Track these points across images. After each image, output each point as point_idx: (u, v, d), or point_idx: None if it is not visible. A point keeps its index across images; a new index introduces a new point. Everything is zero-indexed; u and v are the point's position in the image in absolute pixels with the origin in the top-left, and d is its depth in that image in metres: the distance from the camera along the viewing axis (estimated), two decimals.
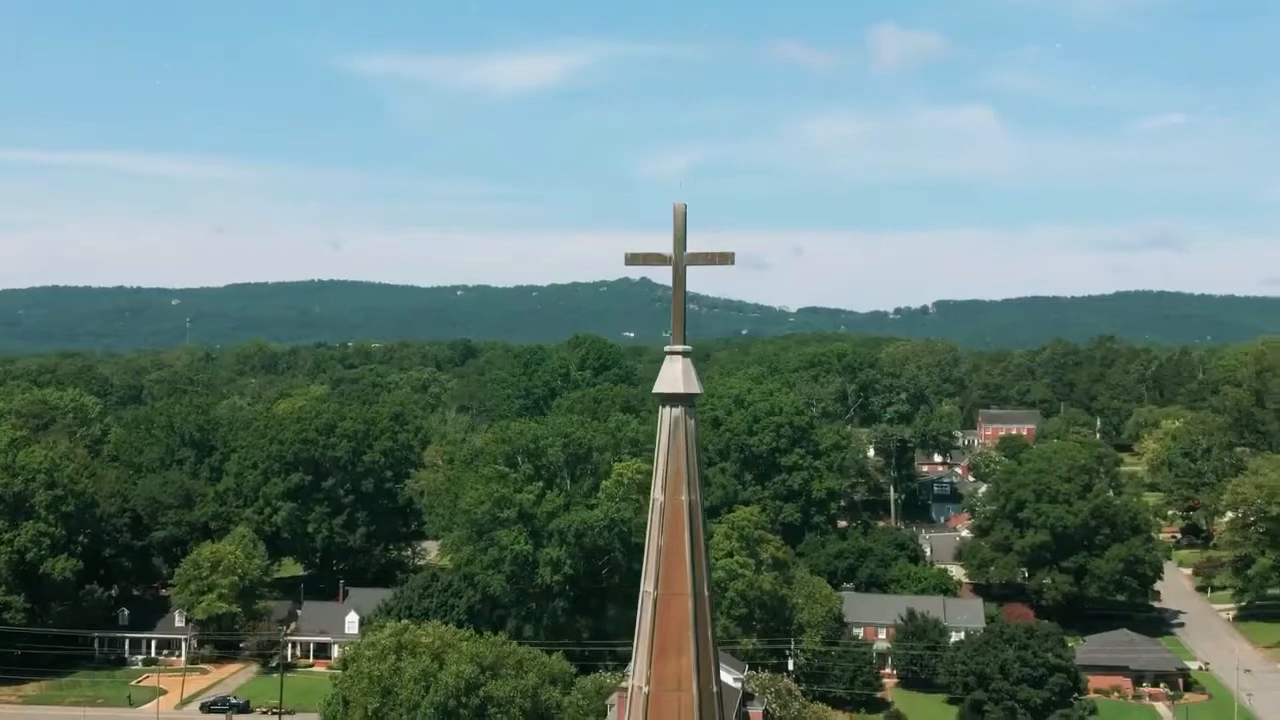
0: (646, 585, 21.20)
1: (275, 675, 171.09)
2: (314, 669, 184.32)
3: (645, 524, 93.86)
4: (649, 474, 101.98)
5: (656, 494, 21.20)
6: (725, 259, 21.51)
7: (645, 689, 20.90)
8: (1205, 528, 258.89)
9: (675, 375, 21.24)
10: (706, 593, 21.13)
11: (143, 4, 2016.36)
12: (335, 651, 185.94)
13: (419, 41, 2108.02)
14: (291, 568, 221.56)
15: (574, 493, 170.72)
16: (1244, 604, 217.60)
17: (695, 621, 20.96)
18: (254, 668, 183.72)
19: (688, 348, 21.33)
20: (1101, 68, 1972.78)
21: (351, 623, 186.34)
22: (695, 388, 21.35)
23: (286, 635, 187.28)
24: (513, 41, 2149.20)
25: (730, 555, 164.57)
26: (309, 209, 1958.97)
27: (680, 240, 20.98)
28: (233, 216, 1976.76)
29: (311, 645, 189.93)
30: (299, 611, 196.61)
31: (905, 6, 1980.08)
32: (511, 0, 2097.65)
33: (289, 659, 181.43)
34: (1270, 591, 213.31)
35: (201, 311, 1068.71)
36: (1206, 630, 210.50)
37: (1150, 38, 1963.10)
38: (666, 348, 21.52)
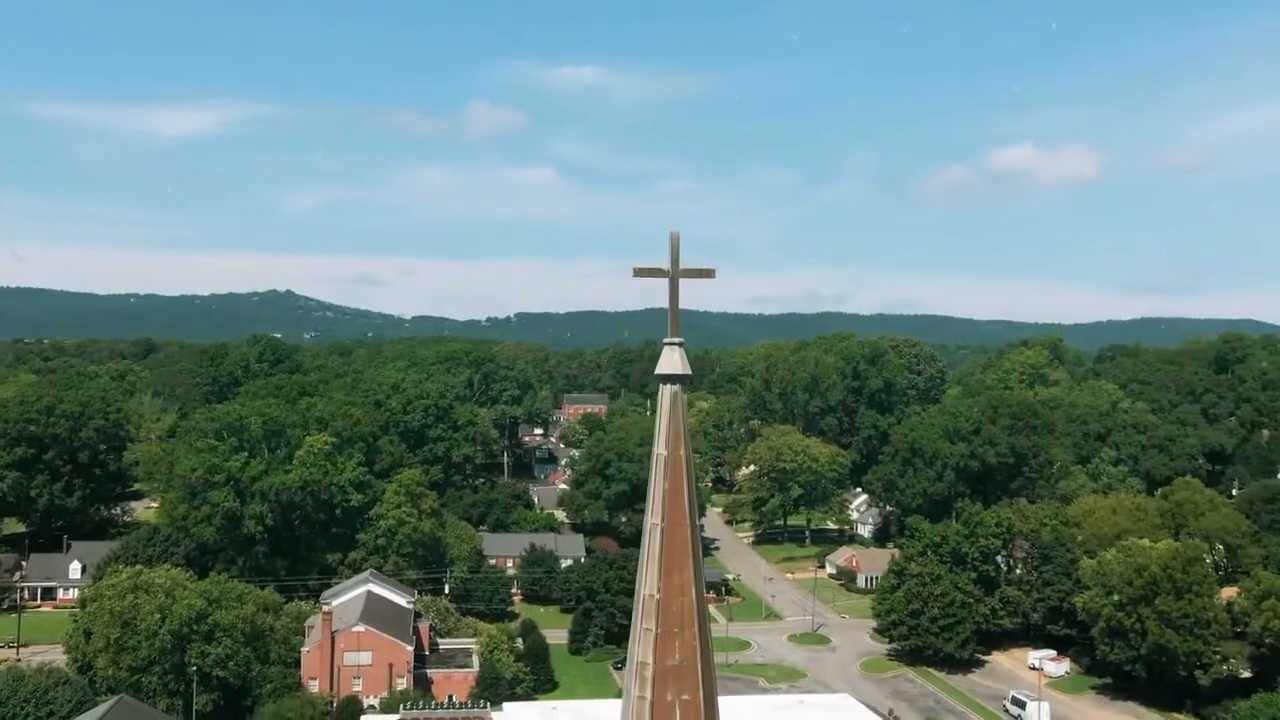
0: (654, 519, 21.30)
1: (8, 616, 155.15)
2: (41, 609, 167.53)
3: (333, 484, 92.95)
4: (335, 445, 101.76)
5: (661, 449, 21.33)
6: (708, 274, 21.97)
7: (656, 596, 21.06)
8: (730, 478, 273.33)
9: (674, 360, 21.53)
10: (698, 523, 21.48)
11: None
12: (61, 594, 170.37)
13: (92, 92, 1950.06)
14: (14, 525, 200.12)
15: (272, 461, 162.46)
16: (759, 532, 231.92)
17: (692, 545, 21.31)
18: None
19: (682, 340, 21.63)
20: (633, 145, 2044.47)
21: (75, 570, 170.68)
22: (688, 370, 21.68)
23: (16, 582, 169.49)
24: (173, 96, 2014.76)
25: (399, 507, 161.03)
26: None
27: (675, 259, 21.36)
28: None
29: (39, 589, 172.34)
30: (24, 563, 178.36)
31: (494, 88, 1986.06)
32: (171, 61, 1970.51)
33: (19, 602, 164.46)
34: (776, 524, 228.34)
35: None
36: (735, 552, 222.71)
37: (666, 123, 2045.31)
38: (665, 340, 21.71)
